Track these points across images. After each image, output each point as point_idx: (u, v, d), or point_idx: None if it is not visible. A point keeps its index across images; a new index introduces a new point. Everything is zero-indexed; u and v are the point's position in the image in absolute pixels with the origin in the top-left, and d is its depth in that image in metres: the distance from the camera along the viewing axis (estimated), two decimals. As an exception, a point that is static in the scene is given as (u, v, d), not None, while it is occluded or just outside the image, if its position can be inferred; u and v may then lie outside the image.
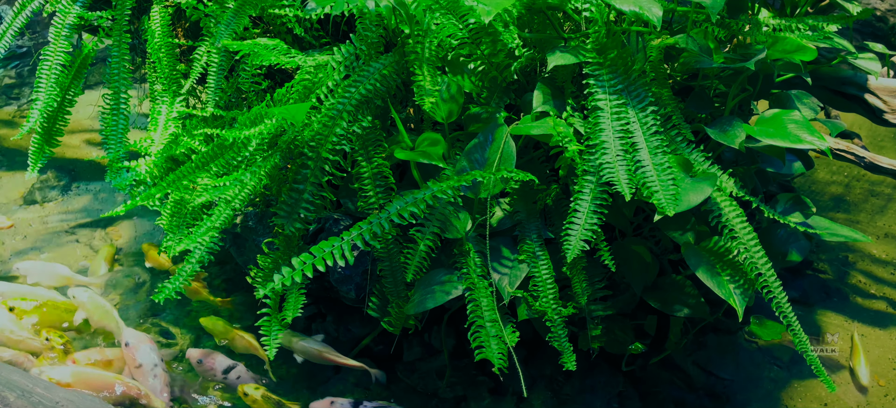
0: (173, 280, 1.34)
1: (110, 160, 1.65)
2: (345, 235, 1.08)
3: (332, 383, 1.51)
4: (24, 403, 0.82)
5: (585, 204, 1.17)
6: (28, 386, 0.90)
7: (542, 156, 1.35)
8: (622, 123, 1.18)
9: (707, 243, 1.26)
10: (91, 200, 2.14)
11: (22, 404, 0.81)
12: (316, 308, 1.58)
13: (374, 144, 1.31)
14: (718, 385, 1.59)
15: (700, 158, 1.23)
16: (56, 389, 0.97)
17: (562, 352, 1.27)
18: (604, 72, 1.21)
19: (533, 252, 1.28)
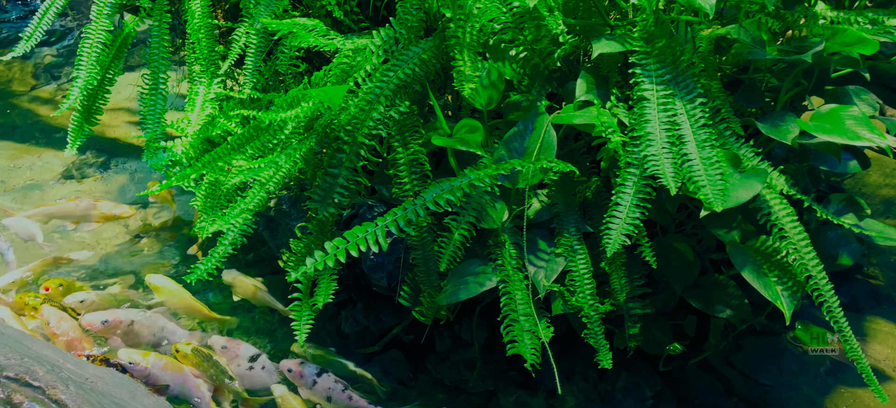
0: (206, 261, 1.34)
1: (147, 140, 1.66)
2: (379, 221, 1.06)
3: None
4: (53, 377, 0.82)
5: (628, 197, 1.13)
6: (58, 361, 0.90)
7: (583, 147, 1.32)
8: (669, 114, 1.14)
9: (753, 243, 1.21)
10: (128, 179, 2.16)
11: (50, 379, 0.81)
12: (346, 295, 1.57)
13: (411, 130, 1.28)
14: (758, 391, 1.53)
15: (749, 153, 1.18)
16: (86, 365, 0.97)
17: (597, 349, 1.23)
18: (651, 61, 1.16)
19: (570, 246, 1.24)
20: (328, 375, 1.39)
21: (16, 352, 0.86)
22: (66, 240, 1.88)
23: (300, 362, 1.42)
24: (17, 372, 0.82)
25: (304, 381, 1.39)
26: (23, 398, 0.79)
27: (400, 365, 1.51)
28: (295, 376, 1.40)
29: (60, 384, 0.82)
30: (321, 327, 1.58)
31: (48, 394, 0.80)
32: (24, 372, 0.82)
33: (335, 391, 1.37)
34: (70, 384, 0.83)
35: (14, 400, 0.78)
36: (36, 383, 0.81)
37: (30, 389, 0.81)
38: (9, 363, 0.84)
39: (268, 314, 1.64)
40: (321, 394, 1.37)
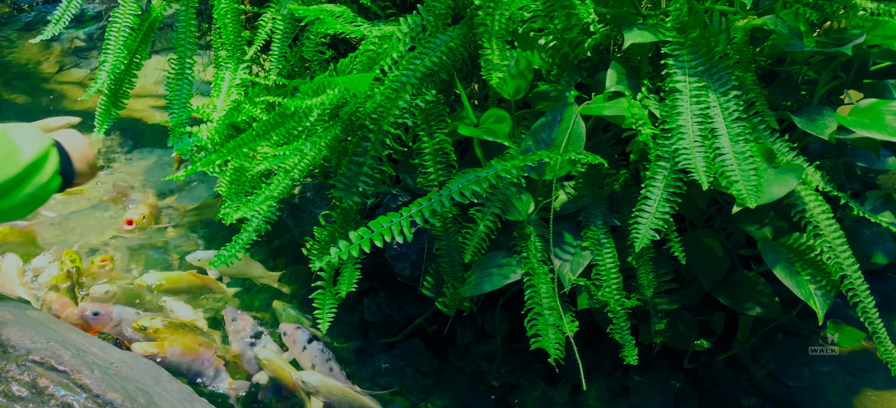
0: (230, 247, 1.33)
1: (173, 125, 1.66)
2: (404, 211, 1.04)
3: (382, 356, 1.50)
4: (79, 362, 0.82)
5: (657, 191, 1.10)
6: (84, 345, 0.90)
7: (611, 139, 1.29)
8: (702, 107, 1.11)
9: (786, 240, 1.18)
10: (153, 163, 2.18)
11: (76, 363, 0.81)
12: (369, 284, 1.56)
13: (437, 119, 1.27)
14: (784, 391, 1.50)
15: (784, 148, 1.15)
16: (111, 349, 0.97)
17: (622, 345, 1.21)
18: (684, 52, 1.13)
19: (597, 239, 1.22)
20: (317, 342, 1.47)
21: (42, 336, 0.87)
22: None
23: (296, 328, 1.48)
24: (42, 356, 0.82)
25: (296, 344, 1.47)
26: (48, 382, 0.79)
27: (421, 355, 1.51)
28: (289, 339, 1.47)
29: (85, 369, 0.82)
30: (343, 315, 1.57)
31: (73, 378, 0.81)
32: (49, 356, 0.82)
33: (319, 360, 1.45)
34: (95, 369, 0.84)
35: (39, 384, 0.79)
36: (61, 367, 0.81)
37: (55, 373, 0.81)
38: (35, 347, 0.84)
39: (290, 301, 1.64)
40: (308, 360, 1.45)
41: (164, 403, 0.86)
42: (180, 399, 0.93)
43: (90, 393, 0.79)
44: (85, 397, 0.79)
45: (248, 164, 1.42)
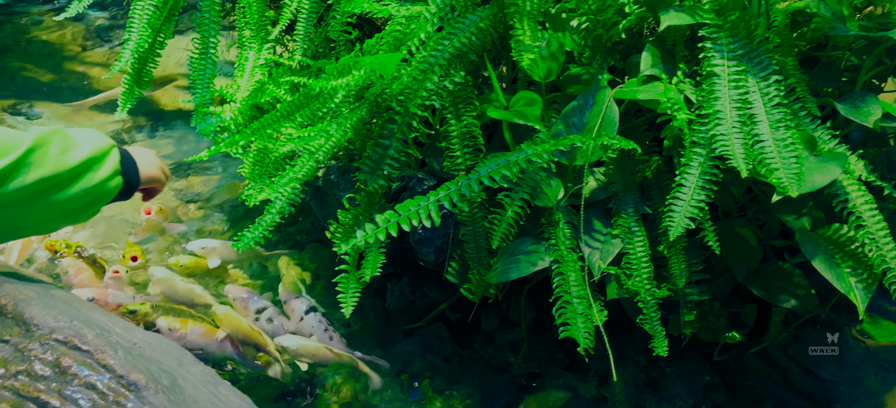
0: (253, 229, 1.32)
1: (196, 105, 1.65)
2: (431, 195, 1.02)
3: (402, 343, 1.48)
4: (102, 341, 0.81)
5: (693, 179, 1.07)
6: (107, 325, 0.89)
7: (644, 124, 1.26)
8: (740, 92, 1.07)
9: (825, 231, 1.14)
10: (176, 144, 2.17)
11: (100, 343, 0.80)
12: (393, 268, 1.54)
13: (465, 102, 1.24)
14: (817, 385, 1.47)
15: (826, 135, 1.11)
16: (134, 330, 0.96)
17: (652, 335, 1.18)
18: (723, 35, 1.09)
19: (628, 227, 1.19)
20: (315, 313, 1.48)
21: (65, 315, 0.86)
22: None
23: (296, 297, 1.49)
24: (66, 335, 0.81)
25: (295, 313, 1.47)
26: (72, 361, 0.78)
27: (444, 342, 1.49)
28: (289, 308, 1.48)
29: (109, 349, 0.81)
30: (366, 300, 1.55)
31: (97, 358, 0.79)
32: (73, 335, 0.81)
33: (318, 329, 1.45)
34: (119, 349, 0.82)
35: (63, 363, 0.78)
36: (85, 347, 0.80)
37: (79, 352, 0.80)
38: (59, 326, 0.83)
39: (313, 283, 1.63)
40: (306, 329, 1.45)
41: (187, 385, 0.85)
42: (203, 382, 0.91)
43: (114, 373, 0.78)
44: (108, 377, 0.77)
45: (272, 145, 1.40)
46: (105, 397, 0.76)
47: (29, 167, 0.86)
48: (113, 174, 0.99)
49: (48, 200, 0.91)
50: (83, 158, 0.93)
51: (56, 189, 0.91)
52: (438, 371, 1.43)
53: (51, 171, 0.88)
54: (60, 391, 0.75)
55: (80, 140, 0.95)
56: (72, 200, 0.93)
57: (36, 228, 0.94)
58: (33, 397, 0.75)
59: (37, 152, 0.87)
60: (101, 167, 0.97)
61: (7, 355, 0.80)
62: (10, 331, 0.83)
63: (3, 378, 0.77)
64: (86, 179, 0.93)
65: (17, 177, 0.85)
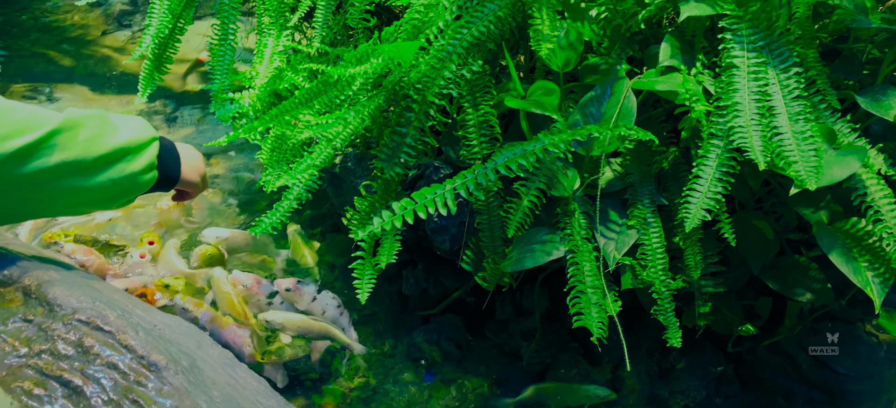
0: (270, 215, 1.33)
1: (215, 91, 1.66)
2: (448, 183, 1.02)
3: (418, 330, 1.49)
4: (124, 322, 0.82)
5: (710, 170, 1.07)
6: (128, 306, 0.91)
7: (661, 115, 1.25)
8: (760, 84, 1.06)
9: (843, 225, 1.13)
10: (195, 130, 2.19)
11: (121, 324, 0.81)
12: (408, 256, 1.55)
13: (483, 91, 1.24)
14: (832, 379, 1.46)
15: (845, 128, 1.10)
16: (154, 312, 0.97)
17: (666, 326, 1.18)
18: (743, 26, 1.09)
19: (644, 218, 1.19)
20: (326, 292, 1.48)
21: (88, 296, 0.87)
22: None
23: (297, 282, 1.48)
24: (88, 316, 0.83)
25: (302, 298, 1.46)
26: (94, 341, 0.80)
27: (458, 329, 1.50)
28: (293, 294, 1.47)
29: (130, 330, 0.82)
30: (381, 286, 1.57)
31: (118, 339, 0.81)
32: (95, 316, 0.83)
33: (330, 307, 1.46)
34: (140, 330, 0.84)
35: (85, 344, 0.79)
36: (107, 328, 0.82)
37: (101, 333, 0.81)
38: (81, 306, 0.85)
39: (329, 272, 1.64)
40: (318, 309, 1.46)
41: (206, 366, 0.87)
42: (221, 364, 0.93)
43: (135, 354, 0.79)
44: (130, 357, 0.79)
45: (290, 132, 1.41)
46: (126, 377, 0.77)
47: (53, 149, 0.84)
48: (148, 168, 0.95)
49: (72, 186, 0.88)
50: (116, 146, 0.90)
51: (81, 175, 0.88)
52: (451, 358, 1.44)
53: (76, 155, 0.86)
54: (83, 370, 0.77)
55: (120, 127, 0.91)
56: (99, 188, 0.90)
57: (63, 210, 0.92)
58: (56, 376, 0.77)
59: (64, 134, 0.85)
60: (137, 159, 0.93)
61: (31, 335, 0.81)
62: (34, 311, 0.85)
63: (27, 357, 0.79)
64: (117, 169, 0.90)
65: (39, 157, 0.83)
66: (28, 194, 0.86)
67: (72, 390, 0.76)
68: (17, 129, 0.82)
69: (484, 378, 1.40)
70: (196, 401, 0.77)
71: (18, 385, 0.76)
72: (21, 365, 0.78)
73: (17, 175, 0.83)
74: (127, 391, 0.76)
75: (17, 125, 0.82)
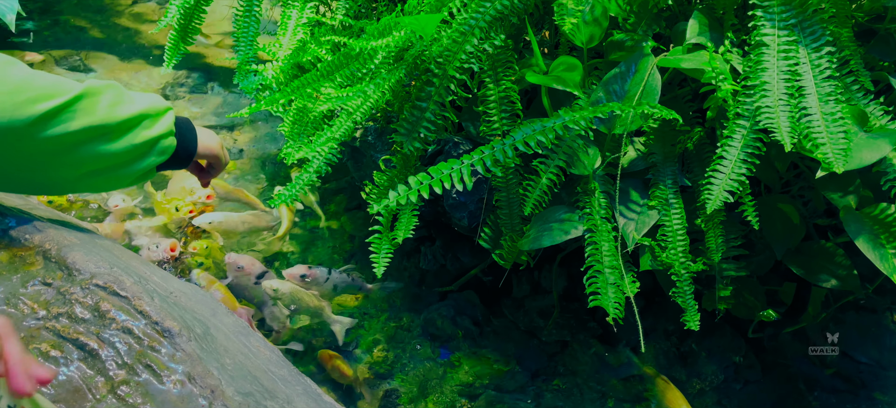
0: (290, 187, 1.34)
1: (239, 63, 1.67)
2: (465, 159, 1.01)
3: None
4: (140, 289, 0.83)
5: (734, 151, 1.04)
6: (145, 273, 0.92)
7: (687, 94, 1.22)
8: (790, 63, 1.03)
9: (871, 210, 1.10)
10: (221, 101, 2.20)
11: (137, 290, 0.82)
12: (426, 232, 1.55)
13: (504, 66, 1.22)
14: (854, 368, 1.43)
15: (878, 111, 1.06)
16: (171, 279, 0.98)
17: (684, 309, 1.16)
18: (775, 3, 1.05)
19: (666, 199, 1.17)
20: (338, 272, 1.55)
21: (106, 261, 0.88)
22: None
23: (308, 267, 1.52)
24: (105, 281, 0.84)
25: (317, 281, 1.52)
26: (110, 306, 0.81)
27: (475, 307, 1.49)
28: (310, 281, 1.52)
29: (146, 296, 0.83)
30: (399, 262, 1.57)
31: (134, 304, 0.82)
32: (112, 281, 0.84)
33: (341, 279, 1.54)
34: (155, 297, 0.85)
35: (101, 308, 0.80)
36: (123, 293, 0.83)
37: (117, 298, 0.82)
38: (99, 271, 0.86)
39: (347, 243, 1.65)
40: (331, 285, 1.53)
41: (219, 334, 0.87)
42: (235, 332, 0.94)
43: (149, 320, 0.80)
44: (144, 323, 0.80)
45: (312, 104, 1.41)
46: (140, 342, 0.78)
47: (76, 113, 0.85)
48: (166, 133, 0.95)
49: (94, 151, 0.88)
50: (135, 113, 0.91)
51: (103, 140, 0.88)
52: (468, 334, 1.44)
53: (100, 120, 0.87)
54: (98, 334, 0.78)
55: (135, 97, 0.93)
56: (119, 154, 0.91)
57: (81, 183, 0.92)
58: (73, 339, 0.78)
59: (86, 100, 0.86)
60: (155, 125, 0.93)
61: (50, 298, 0.83)
62: (53, 275, 0.86)
63: (45, 320, 0.80)
64: (138, 134, 0.91)
65: (62, 122, 0.84)
66: (53, 160, 0.87)
67: (87, 353, 0.77)
68: (43, 94, 0.83)
69: (500, 355, 1.40)
70: (208, 367, 0.78)
71: (36, 347, 0.77)
72: (39, 327, 0.80)
73: (44, 139, 0.84)
74: (141, 356, 0.77)
75: (42, 90, 0.83)
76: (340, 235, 1.67)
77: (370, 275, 1.46)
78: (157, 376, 0.76)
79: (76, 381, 0.74)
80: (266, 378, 0.85)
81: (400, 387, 1.34)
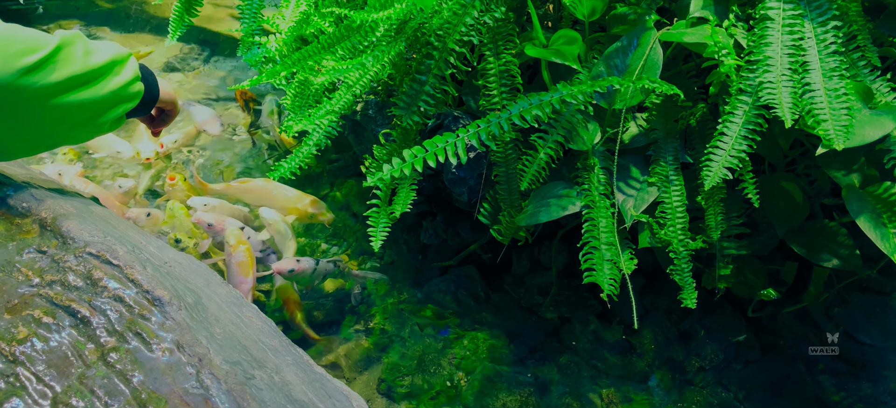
0: (289, 160, 1.34)
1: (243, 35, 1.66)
2: (461, 132, 1.00)
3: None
4: (133, 258, 0.83)
5: (735, 127, 1.02)
6: (140, 243, 0.92)
7: (692, 69, 1.20)
8: (795, 37, 1.01)
9: (874, 189, 1.08)
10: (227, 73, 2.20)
11: (130, 259, 0.83)
12: (427, 207, 1.55)
13: (505, 39, 1.21)
14: (856, 348, 1.42)
15: (884, 87, 1.04)
16: (167, 249, 0.99)
17: (682, 287, 1.15)
18: (779, -25, 1.03)
19: (666, 175, 1.15)
20: (324, 261, 1.54)
21: (101, 230, 0.89)
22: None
23: (296, 260, 1.51)
24: (98, 249, 0.84)
25: (304, 272, 1.51)
26: (102, 274, 0.81)
27: (475, 282, 1.49)
28: (297, 274, 1.51)
29: (138, 265, 0.84)
30: (400, 236, 1.57)
31: (126, 273, 0.82)
32: (105, 250, 0.84)
33: (329, 268, 1.54)
34: (148, 266, 0.85)
35: (94, 275, 0.81)
36: (116, 262, 0.83)
37: (109, 266, 0.83)
38: (93, 240, 0.86)
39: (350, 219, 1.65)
40: (320, 274, 1.53)
41: (211, 304, 0.88)
42: (228, 303, 0.94)
43: (141, 288, 0.81)
44: (135, 291, 0.80)
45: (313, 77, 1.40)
46: (131, 310, 0.79)
47: (58, 64, 0.86)
48: (134, 79, 0.98)
49: (78, 100, 0.90)
50: (106, 61, 0.93)
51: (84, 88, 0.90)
52: (467, 310, 1.44)
53: (79, 69, 0.88)
54: (90, 302, 0.79)
55: (100, 46, 0.95)
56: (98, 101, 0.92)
57: (67, 136, 0.93)
58: (65, 306, 0.78)
59: (64, 51, 0.87)
60: (123, 70, 0.96)
61: (44, 266, 0.83)
62: (48, 243, 0.87)
63: (39, 287, 0.81)
64: (108, 81, 0.93)
65: (47, 73, 0.85)
66: (41, 113, 0.87)
67: (79, 320, 0.78)
68: (28, 47, 0.84)
69: (498, 330, 1.40)
70: (197, 336, 0.78)
71: (29, 313, 0.78)
72: (33, 294, 0.80)
73: (32, 91, 0.84)
74: (131, 324, 0.78)
75: (26, 43, 0.84)
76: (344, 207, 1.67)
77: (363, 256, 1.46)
78: (146, 343, 0.76)
79: (67, 347, 0.75)
80: (256, 348, 0.85)
81: (399, 361, 1.35)
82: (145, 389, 0.72)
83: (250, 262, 1.45)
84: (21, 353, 0.73)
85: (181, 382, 0.73)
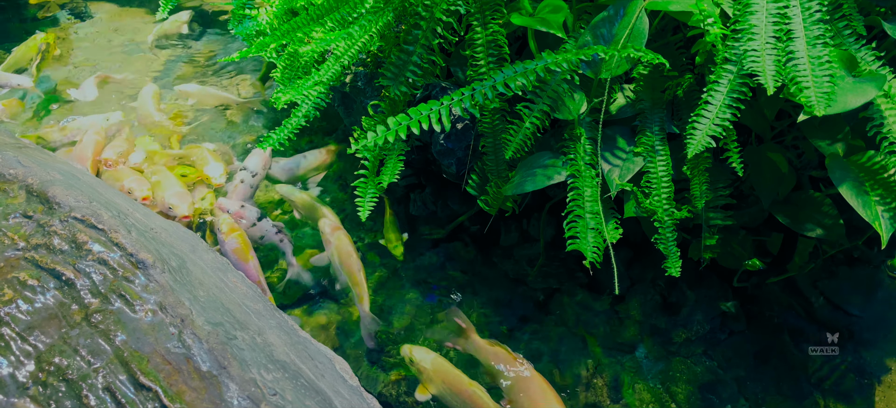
0: (278, 131, 1.34)
1: (234, 8, 1.66)
2: (444, 99, 1.01)
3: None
4: (117, 223, 0.84)
5: (720, 96, 1.03)
6: (126, 208, 0.93)
7: (680, 41, 1.21)
8: (780, 6, 1.01)
9: (858, 157, 1.09)
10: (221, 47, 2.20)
11: (114, 224, 0.84)
12: (416, 179, 1.55)
13: (492, 9, 1.21)
14: (843, 319, 1.43)
15: (869, 56, 1.04)
16: (153, 216, 1.00)
17: (667, 256, 1.16)
18: (764, -57, 1.03)
19: (652, 145, 1.16)
20: (267, 220, 1.51)
21: (86, 196, 0.89)
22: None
23: (241, 206, 1.51)
24: (83, 214, 0.85)
25: (246, 221, 1.49)
26: (86, 238, 0.82)
27: (464, 254, 1.50)
28: (237, 217, 1.49)
29: (122, 230, 0.84)
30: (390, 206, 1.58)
31: (110, 237, 0.83)
32: (90, 215, 0.85)
33: (269, 233, 1.49)
34: (132, 231, 0.86)
35: (78, 239, 0.82)
36: (100, 226, 0.84)
37: (94, 230, 0.83)
38: (78, 205, 0.87)
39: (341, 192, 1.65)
40: (258, 233, 1.48)
41: (195, 269, 0.89)
42: (213, 268, 0.95)
43: (124, 251, 0.82)
44: (119, 254, 0.81)
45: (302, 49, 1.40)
46: (115, 273, 0.79)
47: None
48: None
49: None
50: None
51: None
52: (456, 281, 1.45)
53: None
54: (75, 265, 0.80)
55: None
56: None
57: None
58: (50, 269, 0.79)
59: None
60: None
61: (30, 231, 0.84)
62: (34, 208, 0.87)
63: (24, 250, 0.82)
64: None
65: None
66: None
67: (63, 282, 0.78)
68: None
69: (487, 300, 1.41)
70: (179, 298, 0.79)
71: (14, 276, 0.79)
72: (18, 258, 0.81)
73: None
74: (115, 286, 0.79)
75: None
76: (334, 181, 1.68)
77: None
78: (129, 304, 0.77)
79: (52, 308, 0.76)
80: (239, 311, 0.86)
81: (389, 331, 1.36)
82: (128, 348, 0.73)
83: (245, 246, 1.43)
84: (6, 314, 0.74)
85: (163, 341, 0.74)
